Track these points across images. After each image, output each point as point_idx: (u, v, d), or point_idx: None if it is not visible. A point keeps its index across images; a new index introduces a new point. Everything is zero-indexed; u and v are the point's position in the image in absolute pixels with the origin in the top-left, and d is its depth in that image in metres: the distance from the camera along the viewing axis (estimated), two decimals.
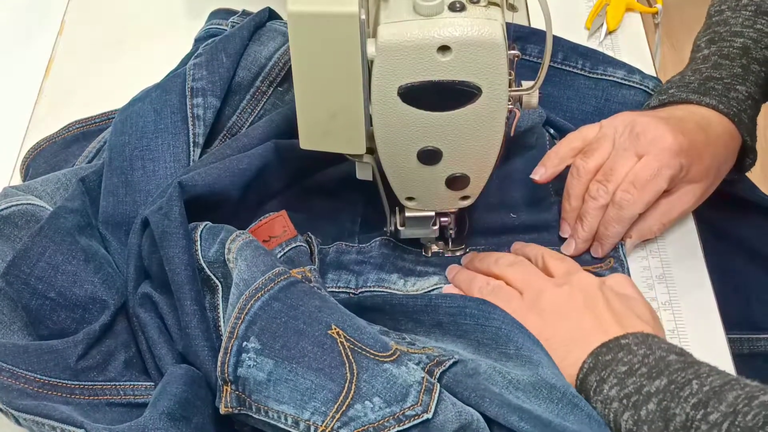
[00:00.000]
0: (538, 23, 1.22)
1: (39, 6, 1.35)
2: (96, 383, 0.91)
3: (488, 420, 0.84)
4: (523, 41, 1.17)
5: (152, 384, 0.92)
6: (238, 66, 1.09)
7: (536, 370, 0.88)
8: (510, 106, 0.92)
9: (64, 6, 1.35)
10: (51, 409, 0.87)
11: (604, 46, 1.25)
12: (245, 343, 0.85)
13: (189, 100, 1.05)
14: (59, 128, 1.17)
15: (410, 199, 0.99)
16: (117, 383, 0.91)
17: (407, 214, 1.01)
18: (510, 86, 0.90)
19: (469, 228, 1.07)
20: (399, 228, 1.03)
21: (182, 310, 0.90)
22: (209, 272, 0.92)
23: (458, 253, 1.06)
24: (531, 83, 0.94)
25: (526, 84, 0.94)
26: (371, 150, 0.94)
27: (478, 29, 0.85)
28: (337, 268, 1.04)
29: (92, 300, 0.93)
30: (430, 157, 0.93)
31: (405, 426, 0.82)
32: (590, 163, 1.03)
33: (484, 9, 0.86)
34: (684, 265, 1.06)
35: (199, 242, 0.93)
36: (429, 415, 0.82)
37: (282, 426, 0.84)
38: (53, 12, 1.34)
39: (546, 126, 1.15)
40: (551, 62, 1.17)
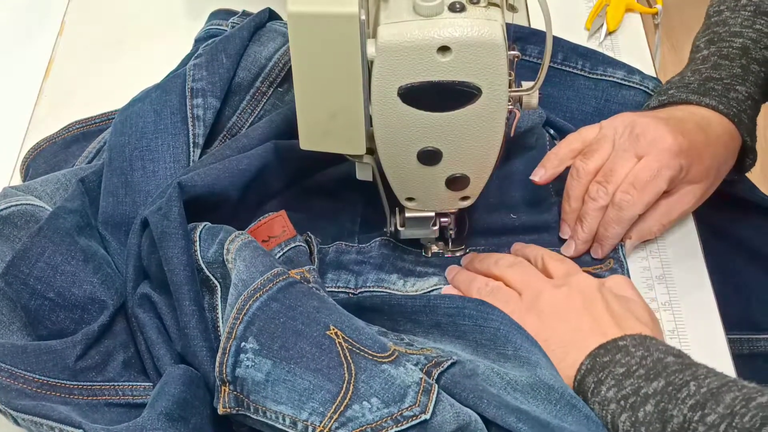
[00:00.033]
0: (538, 24, 1.22)
1: (39, 6, 1.35)
2: (94, 383, 0.91)
3: (486, 421, 0.84)
4: (523, 42, 1.17)
5: (151, 384, 0.92)
6: (238, 66, 1.09)
7: (534, 371, 0.88)
8: (510, 107, 0.92)
9: (64, 6, 1.35)
10: (49, 410, 0.87)
11: (604, 47, 1.25)
12: (243, 344, 0.84)
13: (189, 101, 1.05)
14: (59, 128, 1.17)
15: (410, 200, 0.99)
16: (115, 383, 0.92)
17: (407, 215, 1.01)
18: (510, 87, 0.90)
19: (469, 228, 1.07)
20: (399, 228, 1.03)
21: (181, 311, 0.90)
22: (208, 273, 0.92)
23: (458, 254, 1.06)
24: (531, 84, 0.94)
25: (526, 84, 0.94)
26: (371, 150, 0.94)
27: (478, 30, 0.85)
28: (337, 268, 1.04)
29: (91, 300, 0.93)
30: (430, 158, 0.93)
31: (403, 427, 0.81)
32: (590, 165, 1.03)
33: (484, 9, 0.86)
34: (684, 266, 1.06)
35: (198, 243, 0.93)
36: (427, 416, 0.82)
37: (280, 426, 0.84)
38: (53, 12, 1.34)
39: (546, 126, 1.14)
40: (551, 63, 1.17)
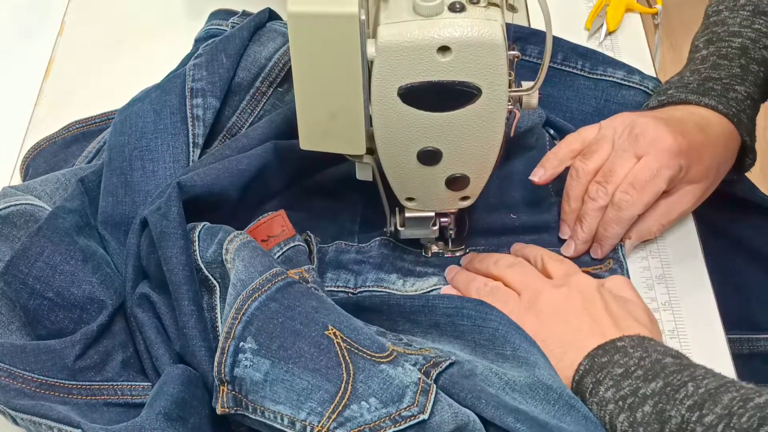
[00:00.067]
0: (538, 24, 1.22)
1: (39, 6, 1.35)
2: (93, 383, 0.91)
3: (484, 421, 0.84)
4: (523, 42, 1.17)
5: (149, 384, 0.92)
6: (238, 66, 1.09)
7: (533, 372, 0.88)
8: (510, 107, 0.92)
9: (64, 6, 1.35)
10: (48, 409, 0.87)
11: (604, 47, 1.25)
12: (242, 344, 0.84)
13: (189, 101, 1.05)
14: (59, 128, 1.17)
15: (410, 200, 0.99)
16: (114, 383, 0.92)
17: (407, 215, 1.01)
18: (510, 87, 0.90)
19: (469, 228, 1.07)
20: (399, 228, 1.03)
21: (180, 311, 0.90)
22: (207, 272, 0.92)
23: (458, 254, 1.06)
24: (531, 84, 0.94)
25: (526, 84, 0.94)
26: (371, 150, 0.94)
27: (478, 30, 0.85)
28: (336, 268, 1.04)
29: (90, 300, 0.93)
30: (430, 158, 0.93)
31: (401, 427, 0.81)
32: (589, 165, 1.03)
33: (484, 9, 0.86)
34: (684, 266, 1.06)
35: (197, 242, 0.93)
36: (425, 416, 0.82)
37: (278, 426, 0.84)
38: (53, 12, 1.34)
39: (546, 127, 1.14)
40: (551, 63, 1.17)
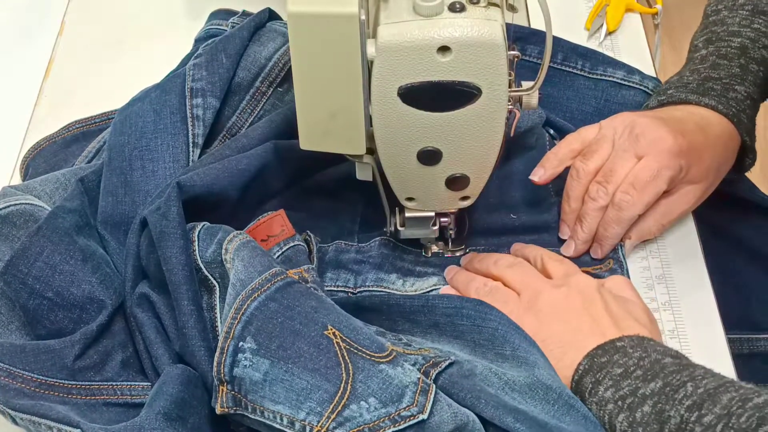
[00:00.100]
0: (538, 24, 1.22)
1: (39, 6, 1.35)
2: (93, 383, 0.91)
3: (484, 421, 0.84)
4: (523, 42, 1.17)
5: (149, 384, 0.92)
6: (238, 66, 1.09)
7: (532, 371, 0.88)
8: (510, 107, 0.92)
9: (64, 6, 1.35)
10: (48, 409, 0.87)
11: (604, 47, 1.25)
12: (241, 344, 0.84)
13: (188, 101, 1.05)
14: (59, 128, 1.17)
15: (410, 200, 0.99)
16: (114, 383, 0.92)
17: (407, 215, 1.01)
18: (510, 86, 0.90)
19: (469, 228, 1.07)
20: (399, 228, 1.03)
21: (179, 310, 0.90)
22: (207, 272, 0.92)
23: (458, 254, 1.06)
24: (531, 83, 0.94)
25: (526, 84, 0.94)
26: (371, 150, 0.94)
27: (478, 30, 0.85)
28: (336, 267, 1.04)
29: (90, 300, 0.93)
30: (430, 158, 0.93)
31: (400, 426, 0.81)
32: (590, 165, 1.03)
33: (484, 9, 0.86)
34: (684, 266, 1.05)
35: (197, 242, 0.93)
36: (424, 416, 0.82)
37: (278, 426, 0.84)
38: (53, 12, 1.34)
39: (546, 126, 1.14)
40: (551, 63, 1.17)
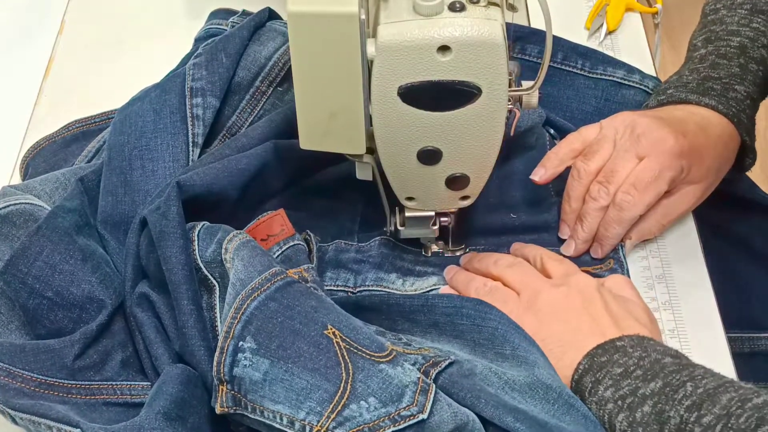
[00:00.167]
0: (538, 23, 1.22)
1: (39, 6, 1.35)
2: (93, 383, 0.91)
3: (484, 421, 0.84)
4: (523, 41, 1.17)
5: (149, 384, 0.92)
6: (238, 66, 1.09)
7: (532, 371, 0.88)
8: (510, 106, 0.92)
9: (64, 6, 1.35)
10: (47, 409, 0.87)
11: (604, 46, 1.25)
12: (241, 343, 0.84)
13: (188, 100, 1.05)
14: (59, 128, 1.17)
15: (410, 199, 0.99)
16: (114, 383, 0.92)
17: (407, 214, 1.01)
18: (510, 86, 0.90)
19: (469, 228, 1.07)
20: (399, 228, 1.03)
21: (179, 310, 0.90)
22: (206, 272, 0.92)
23: (458, 253, 1.06)
24: (531, 83, 0.94)
25: (526, 84, 0.94)
26: (371, 150, 0.94)
27: (478, 29, 0.85)
28: (336, 267, 1.04)
29: (89, 299, 0.93)
30: (430, 157, 0.93)
31: (400, 426, 0.81)
32: (591, 165, 1.03)
33: (484, 9, 0.86)
34: (684, 265, 1.05)
35: (197, 242, 0.93)
36: (424, 416, 0.81)
37: (277, 426, 0.84)
38: (53, 12, 1.34)
39: (546, 126, 1.14)
40: (551, 62, 1.17)
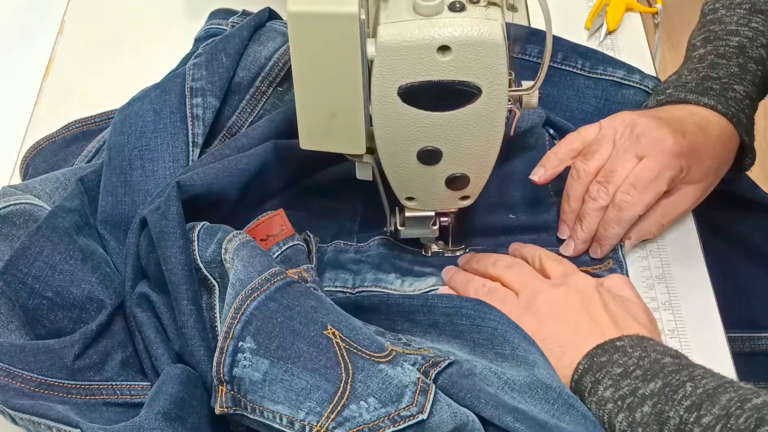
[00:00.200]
0: (538, 23, 1.22)
1: (39, 6, 1.35)
2: (93, 383, 0.91)
3: (484, 421, 0.84)
4: (523, 41, 1.17)
5: (149, 384, 0.92)
6: (238, 66, 1.09)
7: (532, 371, 0.88)
8: (510, 106, 0.92)
9: (64, 6, 1.35)
10: (47, 409, 0.87)
11: (604, 46, 1.25)
12: (241, 343, 0.84)
13: (188, 100, 1.05)
14: (59, 128, 1.17)
15: (410, 199, 0.99)
16: (114, 383, 0.91)
17: (407, 214, 1.01)
18: (510, 86, 0.90)
19: (469, 228, 1.07)
20: (399, 228, 1.03)
21: (179, 310, 0.90)
22: (206, 272, 0.92)
23: (458, 253, 1.06)
24: (531, 83, 0.94)
25: (526, 84, 0.94)
26: (371, 150, 0.94)
27: (478, 29, 0.85)
28: (335, 267, 1.04)
29: (89, 300, 0.93)
30: (430, 157, 0.93)
31: (400, 426, 0.81)
32: (591, 166, 1.03)
33: (484, 9, 0.86)
34: (684, 265, 1.05)
35: (197, 242, 0.93)
36: (424, 416, 0.81)
37: (277, 426, 0.84)
38: (53, 12, 1.34)
39: (545, 126, 1.14)
40: (551, 62, 1.17)
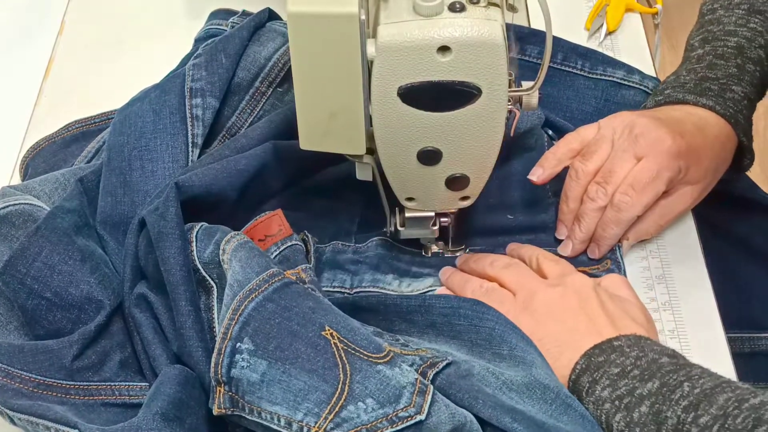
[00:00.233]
0: (538, 24, 1.22)
1: (39, 6, 1.35)
2: (91, 383, 0.91)
3: (482, 421, 0.84)
4: (523, 42, 1.17)
5: (147, 384, 0.92)
6: (238, 66, 1.09)
7: (530, 371, 0.88)
8: (510, 107, 0.92)
9: (64, 6, 1.35)
10: (46, 409, 0.87)
11: (604, 47, 1.25)
12: (239, 344, 0.84)
13: (188, 101, 1.05)
14: (59, 128, 1.17)
15: (410, 200, 0.99)
16: (112, 383, 0.91)
17: (407, 215, 1.01)
18: (510, 87, 0.90)
19: (469, 229, 1.07)
20: (399, 228, 1.03)
21: (177, 311, 0.90)
22: (204, 273, 0.92)
23: (458, 254, 1.06)
24: (531, 83, 0.94)
25: (526, 84, 0.94)
26: (371, 150, 0.94)
27: (478, 30, 0.85)
28: (333, 268, 1.04)
29: (88, 300, 0.93)
30: (430, 158, 0.93)
31: (398, 427, 0.81)
32: (589, 166, 1.03)
33: (484, 9, 0.86)
34: (684, 265, 1.05)
35: (195, 243, 0.93)
36: (422, 417, 0.81)
37: (275, 427, 0.84)
38: (53, 12, 1.34)
39: (545, 128, 1.14)
40: (551, 62, 1.17)
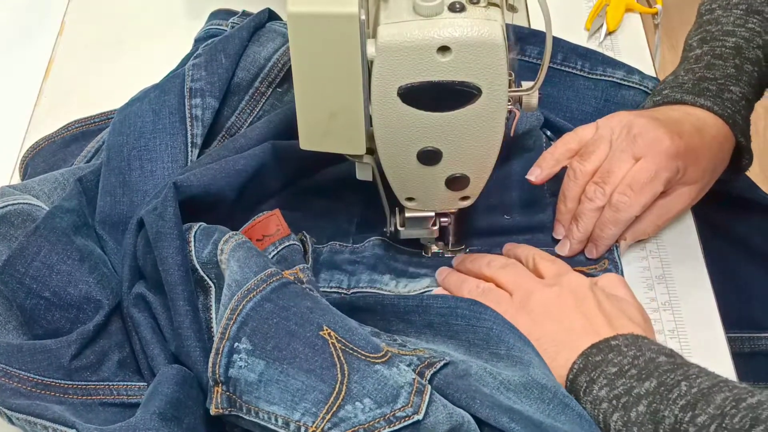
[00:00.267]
0: (538, 24, 1.22)
1: (39, 6, 1.35)
2: (89, 383, 0.91)
3: (479, 421, 0.84)
4: (523, 42, 1.17)
5: (145, 384, 0.92)
6: (237, 67, 1.09)
7: (527, 371, 0.88)
8: (510, 107, 0.92)
9: (64, 6, 1.35)
10: (44, 409, 0.87)
11: (604, 47, 1.25)
12: (237, 344, 0.84)
13: (187, 101, 1.05)
14: (59, 128, 1.17)
15: (410, 200, 0.99)
16: (110, 383, 0.91)
17: (407, 215, 1.01)
18: (510, 87, 0.90)
19: (469, 229, 1.07)
20: (399, 228, 1.03)
21: (175, 311, 0.90)
22: (203, 273, 0.92)
23: (458, 254, 1.06)
24: (531, 84, 0.94)
25: (526, 84, 0.94)
26: (371, 150, 0.94)
27: (478, 30, 0.85)
28: (330, 268, 1.04)
29: (86, 300, 0.93)
30: (430, 158, 0.93)
31: (396, 427, 0.81)
32: (587, 166, 1.03)
33: (484, 9, 0.86)
34: (684, 265, 1.05)
35: (193, 243, 0.93)
36: (420, 417, 0.81)
37: (272, 427, 0.84)
38: (53, 12, 1.34)
39: (544, 128, 1.14)
40: (551, 63, 1.17)
